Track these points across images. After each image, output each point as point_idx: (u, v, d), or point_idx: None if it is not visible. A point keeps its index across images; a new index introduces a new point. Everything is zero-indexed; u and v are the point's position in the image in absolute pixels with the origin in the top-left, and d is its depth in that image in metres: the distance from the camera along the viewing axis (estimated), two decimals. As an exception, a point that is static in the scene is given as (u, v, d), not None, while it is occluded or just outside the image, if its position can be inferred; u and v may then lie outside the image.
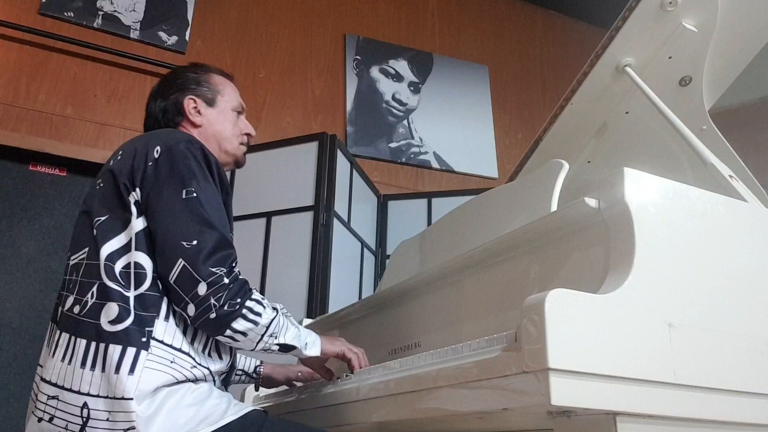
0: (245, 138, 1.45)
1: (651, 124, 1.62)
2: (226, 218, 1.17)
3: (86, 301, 1.09)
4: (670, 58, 1.58)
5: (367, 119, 3.67)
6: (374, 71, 3.81)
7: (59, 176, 2.96)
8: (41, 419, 1.06)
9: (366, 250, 2.98)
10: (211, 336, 1.14)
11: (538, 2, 4.53)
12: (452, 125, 3.89)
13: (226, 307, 1.06)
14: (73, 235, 1.23)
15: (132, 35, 3.22)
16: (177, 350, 1.08)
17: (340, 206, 2.69)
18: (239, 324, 1.08)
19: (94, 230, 1.14)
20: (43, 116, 2.94)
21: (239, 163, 1.45)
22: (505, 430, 1.06)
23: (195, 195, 1.12)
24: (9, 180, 2.87)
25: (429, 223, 3.11)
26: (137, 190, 1.14)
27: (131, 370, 1.02)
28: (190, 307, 1.06)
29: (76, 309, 1.10)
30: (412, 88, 3.88)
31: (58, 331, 1.12)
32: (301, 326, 1.22)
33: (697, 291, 0.88)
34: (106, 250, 1.11)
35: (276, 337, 1.13)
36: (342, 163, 2.77)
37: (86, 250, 1.15)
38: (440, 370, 0.89)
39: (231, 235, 1.19)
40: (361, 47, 3.83)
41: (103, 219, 1.15)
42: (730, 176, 1.21)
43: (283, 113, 3.47)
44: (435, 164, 3.76)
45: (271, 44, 3.59)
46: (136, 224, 1.12)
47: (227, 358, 1.20)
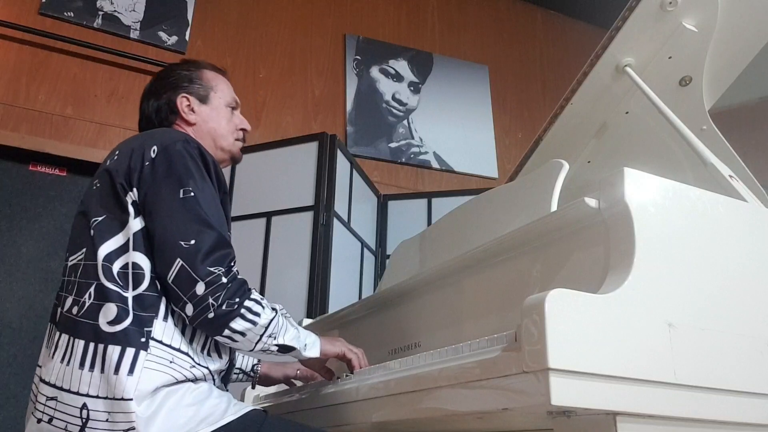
0: (241, 133, 1.44)
1: (651, 124, 1.62)
2: (223, 217, 1.16)
3: (84, 302, 1.09)
4: (670, 58, 1.58)
5: (367, 119, 3.67)
6: (374, 71, 3.81)
7: (59, 176, 2.96)
8: (40, 420, 1.06)
9: (366, 250, 2.98)
10: (209, 336, 1.14)
11: (538, 2, 4.53)
12: (452, 125, 3.89)
13: (225, 306, 1.06)
14: (70, 235, 1.23)
15: (132, 35, 3.22)
16: (176, 350, 1.08)
17: (340, 206, 2.69)
18: (237, 324, 1.08)
19: (92, 231, 1.14)
20: (43, 116, 2.94)
21: (236, 159, 1.44)
22: (505, 430, 1.06)
23: (192, 194, 1.11)
24: (9, 180, 2.87)
25: (429, 223, 3.11)
26: (134, 190, 1.14)
27: (130, 371, 1.02)
28: (189, 307, 1.06)
29: (75, 310, 1.10)
30: (412, 88, 3.88)
31: (58, 332, 1.11)
32: (301, 327, 1.21)
33: (697, 291, 0.88)
34: (104, 250, 1.11)
35: (275, 338, 1.13)
36: (342, 163, 2.77)
37: (84, 250, 1.14)
38: (440, 370, 0.89)
39: (229, 235, 1.18)
40: (361, 47, 3.83)
41: (100, 219, 1.14)
42: (730, 176, 1.21)
43: (283, 113, 3.47)
44: (435, 164, 3.75)
45: (271, 44, 3.59)
46: (134, 224, 1.12)
47: (226, 357, 1.20)
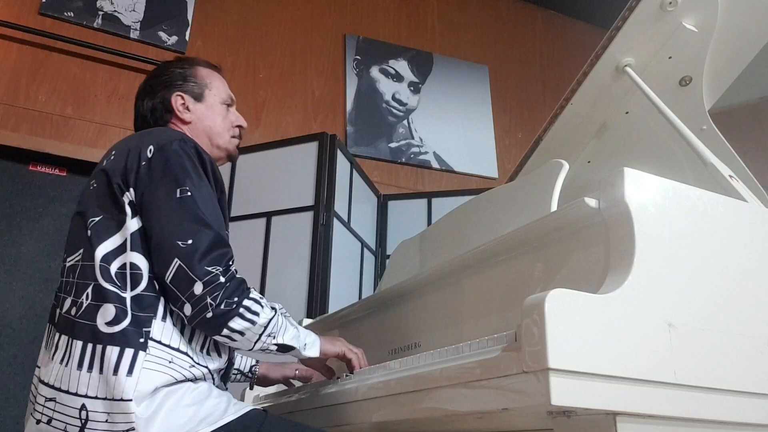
0: (237, 130, 1.43)
1: (651, 124, 1.62)
2: (221, 217, 1.16)
3: (82, 303, 1.08)
4: (670, 58, 1.58)
5: (367, 119, 3.67)
6: (374, 71, 3.81)
7: (59, 176, 2.96)
8: (39, 421, 1.06)
9: (366, 250, 2.98)
10: (208, 335, 1.14)
11: (538, 2, 4.53)
12: (452, 125, 3.89)
13: (223, 306, 1.05)
14: (68, 236, 1.22)
15: (132, 35, 3.22)
16: (175, 350, 1.08)
17: (340, 206, 2.69)
18: (236, 323, 1.07)
19: (89, 231, 1.14)
20: (43, 116, 2.94)
21: (232, 157, 1.43)
22: (505, 430, 1.06)
23: (189, 194, 1.11)
24: (9, 180, 2.87)
25: (429, 223, 3.11)
26: (131, 190, 1.13)
27: (130, 372, 1.02)
28: (187, 307, 1.06)
29: (73, 311, 1.09)
30: (412, 88, 3.88)
31: (57, 333, 1.11)
32: (300, 326, 1.21)
33: (697, 291, 0.88)
34: (101, 251, 1.11)
35: (274, 337, 1.13)
36: (342, 163, 2.77)
37: (81, 251, 1.14)
38: (441, 370, 0.89)
39: (227, 234, 1.18)
40: (361, 47, 3.83)
41: (97, 220, 1.14)
42: (730, 176, 1.21)
43: (283, 113, 3.47)
44: (435, 164, 3.75)
45: (271, 44, 3.59)
46: (131, 225, 1.11)
47: (226, 356, 1.20)
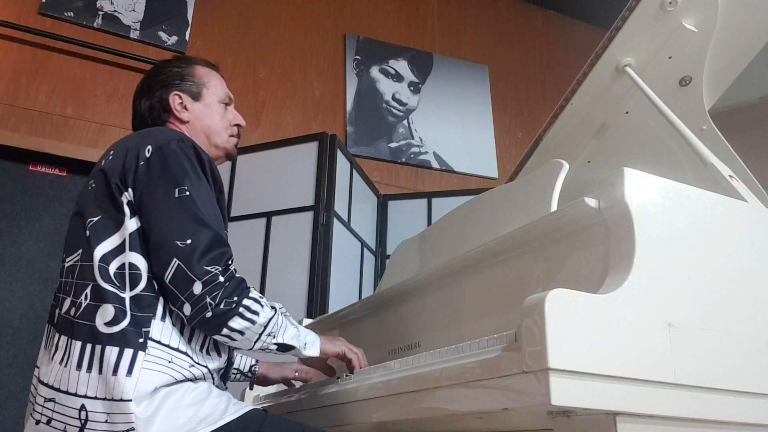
0: (235, 129, 1.42)
1: (651, 124, 1.62)
2: (220, 216, 1.16)
3: (81, 303, 1.08)
4: (670, 58, 1.58)
5: (367, 119, 3.67)
6: (374, 71, 3.81)
7: (59, 176, 2.96)
8: (39, 421, 1.05)
9: (366, 250, 2.98)
10: (208, 335, 1.14)
11: (538, 2, 4.53)
12: (452, 125, 3.89)
13: (222, 305, 1.05)
14: (66, 236, 1.22)
15: (132, 35, 3.22)
16: (174, 350, 1.08)
17: (340, 206, 2.69)
18: (236, 322, 1.07)
19: (87, 231, 1.13)
20: (43, 116, 2.94)
21: (231, 156, 1.43)
22: (505, 430, 1.06)
23: (188, 193, 1.11)
24: (9, 180, 2.87)
25: (429, 223, 3.11)
26: (129, 190, 1.13)
27: (129, 372, 1.01)
28: (186, 307, 1.05)
29: (72, 311, 1.09)
30: (412, 88, 3.88)
31: (56, 333, 1.11)
32: (301, 326, 1.21)
33: (697, 291, 0.88)
34: (100, 251, 1.10)
35: (274, 337, 1.13)
36: (342, 163, 2.77)
37: (80, 251, 1.14)
38: (441, 370, 0.89)
39: (226, 233, 1.17)
40: (361, 47, 3.83)
41: (95, 220, 1.14)
42: (730, 176, 1.20)
43: (283, 113, 3.47)
44: (435, 164, 3.75)
45: (271, 44, 3.59)
46: (130, 225, 1.11)
47: (225, 356, 1.20)
